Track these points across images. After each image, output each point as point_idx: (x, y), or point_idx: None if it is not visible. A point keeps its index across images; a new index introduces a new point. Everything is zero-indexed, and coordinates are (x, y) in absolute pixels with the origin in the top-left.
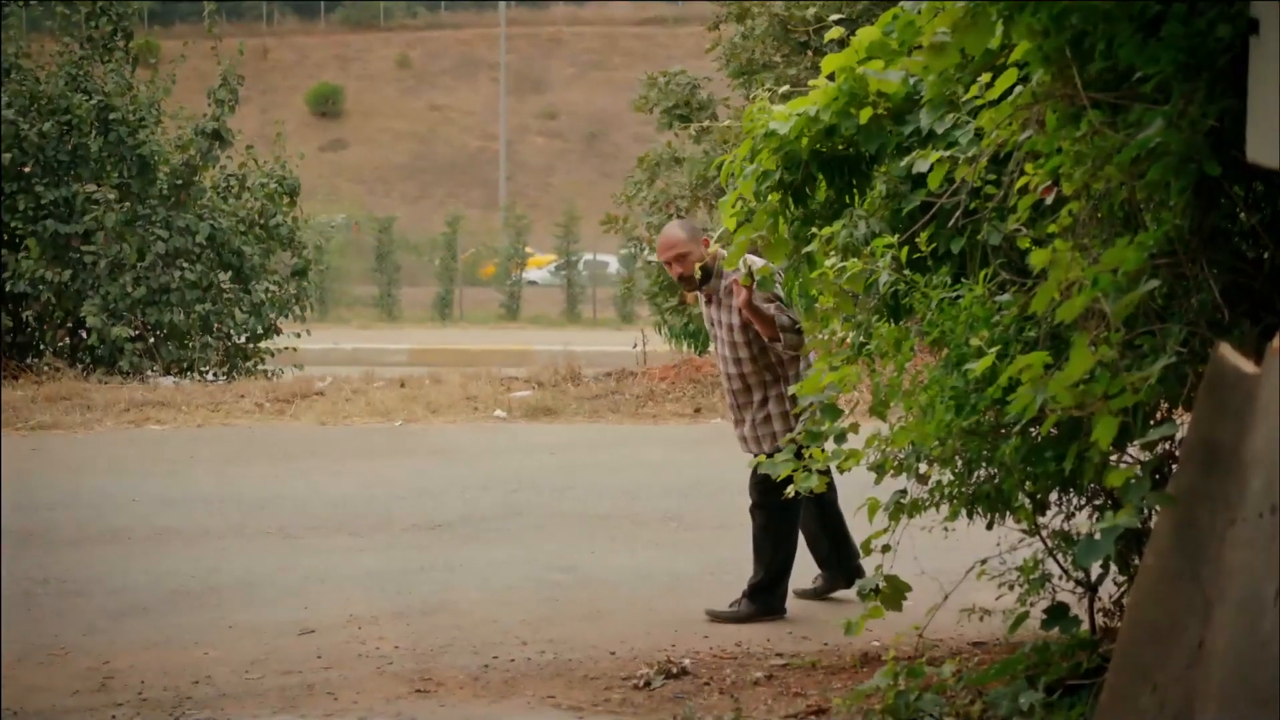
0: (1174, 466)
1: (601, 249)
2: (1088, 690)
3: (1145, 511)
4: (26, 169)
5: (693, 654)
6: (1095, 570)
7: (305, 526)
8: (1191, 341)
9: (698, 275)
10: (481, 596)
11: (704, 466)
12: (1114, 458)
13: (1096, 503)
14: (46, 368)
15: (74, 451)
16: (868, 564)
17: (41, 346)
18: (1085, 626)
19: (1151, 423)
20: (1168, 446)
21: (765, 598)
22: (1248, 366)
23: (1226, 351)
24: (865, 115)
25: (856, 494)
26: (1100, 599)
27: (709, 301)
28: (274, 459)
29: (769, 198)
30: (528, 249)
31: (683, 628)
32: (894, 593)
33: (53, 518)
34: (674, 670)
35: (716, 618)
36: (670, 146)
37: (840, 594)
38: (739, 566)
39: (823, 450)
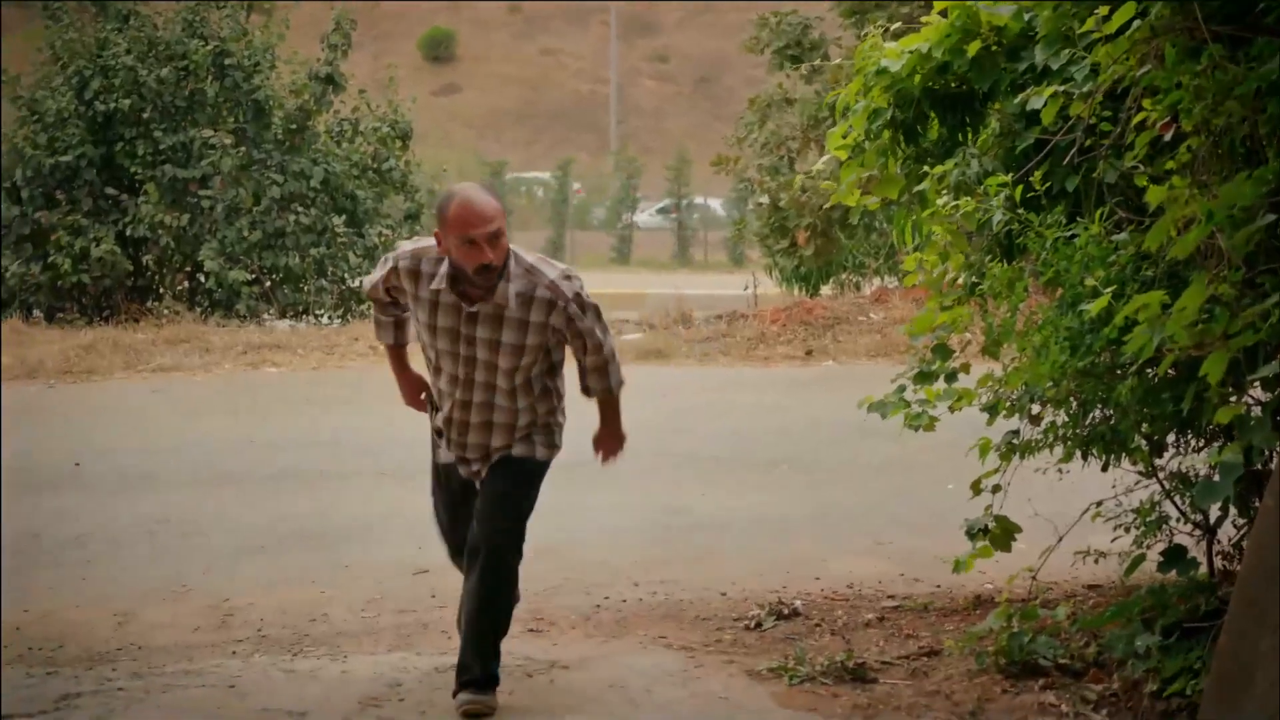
0: None
1: (713, 192)
2: (1206, 634)
3: (1266, 452)
4: (145, 114)
5: (804, 595)
6: (1214, 512)
7: (418, 469)
8: None
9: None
10: (592, 538)
11: (815, 409)
12: (1234, 399)
13: (1216, 443)
14: (166, 311)
15: (193, 393)
16: (977, 504)
17: (161, 290)
18: (1204, 569)
19: (1274, 361)
20: None
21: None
22: None
23: None
24: (973, 49)
25: (969, 434)
26: (1219, 541)
27: (457, 307)
28: (387, 401)
29: (880, 135)
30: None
31: (794, 569)
32: (1003, 533)
33: (173, 459)
34: (785, 611)
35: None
36: (781, 88)
37: (952, 534)
38: (850, 510)
39: (934, 389)
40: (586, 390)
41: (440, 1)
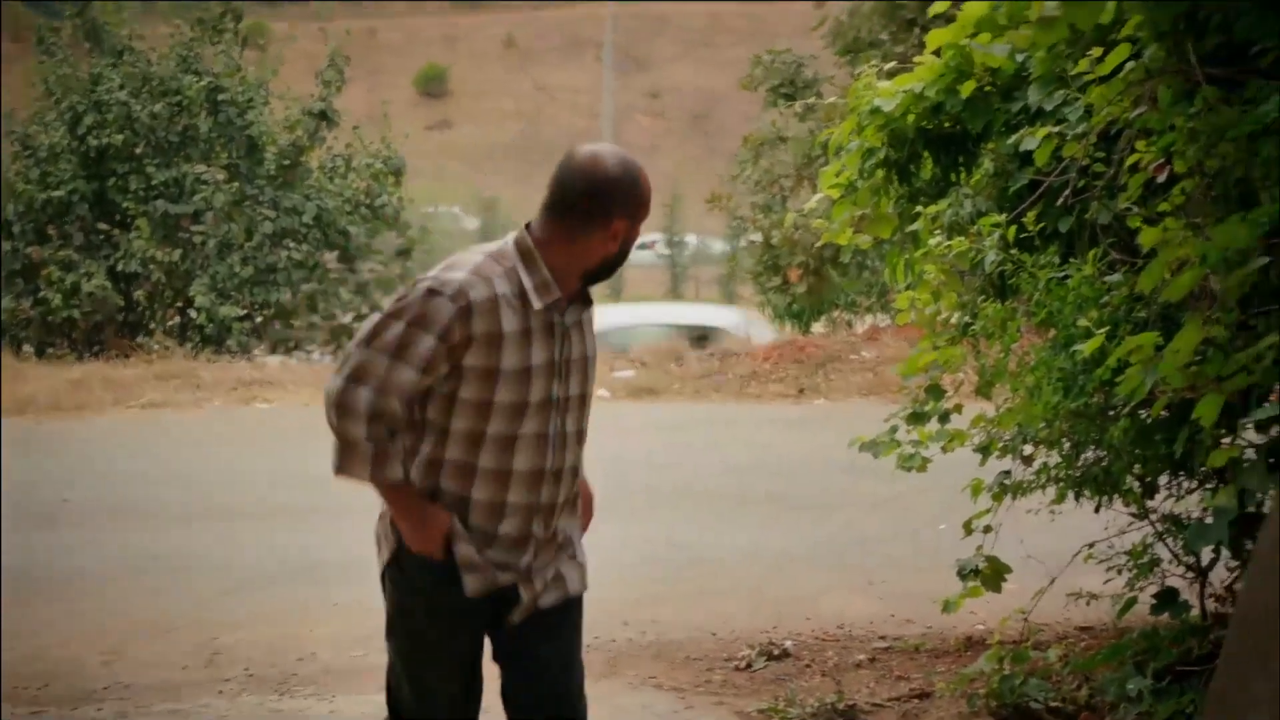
0: None
1: (706, 229)
2: (1198, 677)
3: (1258, 495)
4: (138, 150)
5: (795, 636)
6: (1206, 555)
7: None
8: None
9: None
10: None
11: (808, 446)
12: (1227, 440)
13: (1209, 486)
14: (156, 346)
15: (184, 429)
16: (969, 544)
17: (152, 325)
18: (1196, 612)
19: (1267, 404)
20: None
21: None
22: None
23: None
24: (968, 89)
25: (962, 474)
26: (1211, 584)
27: (551, 327)
28: None
29: (874, 174)
30: None
31: (785, 609)
32: (994, 574)
33: (163, 494)
34: (776, 652)
35: None
36: (775, 126)
37: (944, 574)
38: (841, 549)
39: (926, 429)
40: None
41: (435, 36)
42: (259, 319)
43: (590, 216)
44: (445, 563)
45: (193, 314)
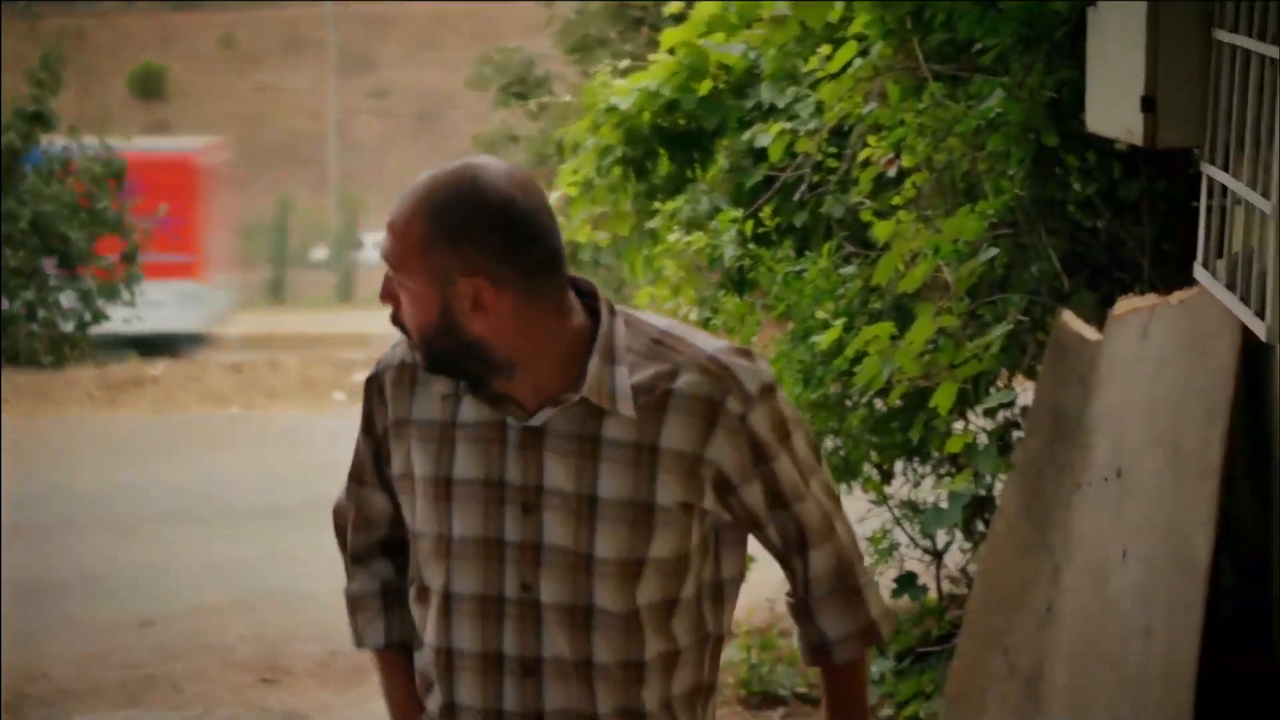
0: (1018, 434)
1: None
2: (937, 657)
3: (989, 478)
4: None
5: None
6: (941, 538)
7: (144, 517)
8: (1033, 310)
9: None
10: (327, 584)
11: None
12: (959, 426)
13: (942, 471)
14: None
15: None
16: None
17: None
18: (933, 594)
19: (993, 390)
20: (1011, 414)
21: None
22: (1090, 334)
23: (1069, 319)
24: (704, 87)
25: None
26: (946, 566)
27: (495, 429)
28: (108, 449)
29: (611, 172)
30: None
31: None
32: None
33: None
34: None
35: None
36: (506, 125)
37: None
38: None
39: None
40: (813, 644)
41: (150, 36)
42: None
43: None
44: None
45: None
